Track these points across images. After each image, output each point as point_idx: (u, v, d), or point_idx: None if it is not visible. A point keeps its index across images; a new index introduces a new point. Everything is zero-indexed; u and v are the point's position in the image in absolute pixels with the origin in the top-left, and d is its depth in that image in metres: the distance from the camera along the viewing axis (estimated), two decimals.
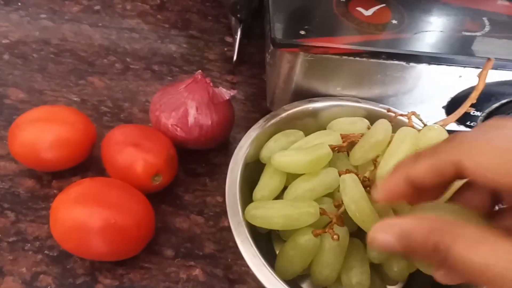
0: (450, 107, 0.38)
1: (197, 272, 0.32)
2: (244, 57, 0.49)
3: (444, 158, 0.19)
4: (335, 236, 0.27)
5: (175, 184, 0.37)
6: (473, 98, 0.31)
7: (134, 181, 0.32)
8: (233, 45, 0.48)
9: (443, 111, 0.39)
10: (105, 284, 0.31)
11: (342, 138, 0.31)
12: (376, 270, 0.31)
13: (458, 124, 0.40)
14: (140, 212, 0.30)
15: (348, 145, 0.31)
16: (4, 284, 0.30)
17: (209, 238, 0.34)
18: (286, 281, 0.29)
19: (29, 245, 0.32)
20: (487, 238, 0.17)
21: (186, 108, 0.35)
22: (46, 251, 0.32)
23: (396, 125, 0.32)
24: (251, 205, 0.29)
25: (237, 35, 0.47)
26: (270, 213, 0.28)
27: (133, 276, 0.31)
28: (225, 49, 0.50)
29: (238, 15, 0.46)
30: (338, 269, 0.29)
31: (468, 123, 0.39)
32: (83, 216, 0.28)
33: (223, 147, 0.40)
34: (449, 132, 0.44)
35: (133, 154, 0.32)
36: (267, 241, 0.34)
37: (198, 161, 0.39)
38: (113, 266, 0.31)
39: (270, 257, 0.30)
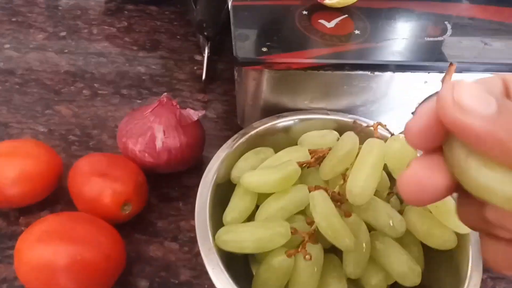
0: None
1: None
2: (215, 74, 0.49)
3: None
4: (307, 256, 0.26)
5: (148, 211, 0.36)
6: None
7: (103, 213, 0.31)
8: (202, 63, 0.48)
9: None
10: None
11: (310, 153, 0.31)
12: (355, 283, 0.31)
13: None
14: (108, 245, 0.29)
15: (316, 160, 0.30)
16: None
17: (184, 264, 0.33)
18: None
19: None
20: None
21: (153, 132, 0.34)
22: None
23: (366, 135, 0.31)
24: (221, 230, 0.28)
25: (205, 53, 0.47)
26: (240, 237, 0.28)
27: None
28: (195, 67, 0.50)
29: (205, 33, 0.46)
30: (315, 287, 0.28)
31: None
32: (47, 254, 0.27)
33: (196, 168, 0.39)
34: None
35: (100, 185, 0.32)
36: (244, 262, 0.33)
37: (170, 185, 0.38)
38: None
39: (248, 279, 0.30)
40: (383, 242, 0.29)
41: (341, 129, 0.34)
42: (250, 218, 0.31)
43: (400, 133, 0.29)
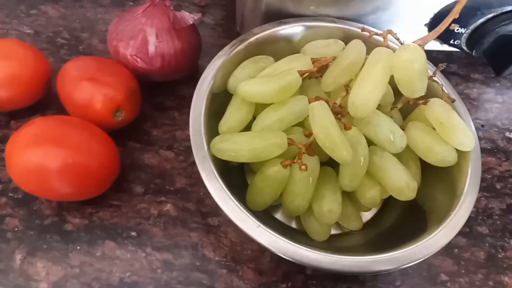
0: (433, 24, 0.35)
1: (168, 207, 0.32)
2: None
3: None
4: (302, 167, 0.26)
5: (142, 119, 0.35)
6: (455, 12, 0.28)
7: (94, 118, 0.30)
8: None
9: (425, 29, 0.36)
10: (74, 223, 0.30)
11: (312, 62, 0.29)
12: (350, 197, 0.31)
13: (441, 43, 0.37)
14: (101, 150, 0.29)
15: (318, 70, 0.28)
16: None
17: (180, 173, 0.33)
18: (258, 212, 0.29)
19: None
20: None
21: (145, 35, 0.32)
22: (10, 194, 0.31)
23: (373, 45, 0.29)
24: (216, 139, 0.27)
25: None
26: (236, 146, 0.27)
27: (102, 214, 0.31)
28: None
29: None
30: (308, 198, 0.28)
31: (451, 41, 0.37)
32: (38, 158, 0.26)
33: (191, 78, 0.37)
34: (430, 52, 0.42)
35: (90, 90, 0.30)
36: (240, 172, 0.33)
37: (165, 94, 0.37)
38: (81, 205, 0.31)
39: (243, 189, 0.30)
40: (381, 157, 0.29)
41: (348, 39, 0.32)
42: (247, 129, 0.30)
43: (413, 42, 0.27)
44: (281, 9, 0.34)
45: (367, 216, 0.34)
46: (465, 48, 0.37)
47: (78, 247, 0.29)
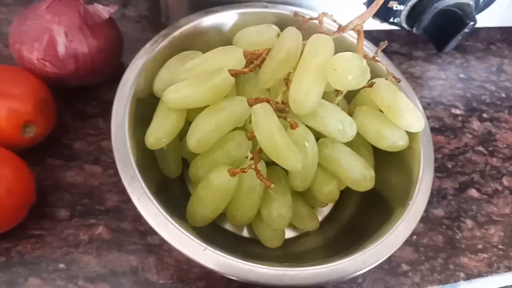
0: (372, 2, 0.34)
1: (100, 230, 0.28)
2: None
3: None
4: (260, 175, 0.23)
5: (61, 131, 0.30)
6: None
7: (0, 138, 0.26)
8: None
9: (364, 8, 0.34)
10: None
11: (245, 56, 0.26)
12: (302, 194, 0.29)
13: (381, 22, 0.36)
14: (8, 175, 0.24)
15: (252, 68, 0.25)
16: None
17: (110, 189, 0.29)
18: (204, 226, 0.26)
19: None
20: None
21: (52, 35, 0.28)
22: None
23: (310, 28, 0.27)
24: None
25: None
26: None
27: (22, 248, 0.26)
28: None
29: None
30: (257, 206, 0.26)
31: (391, 19, 0.35)
32: None
33: (115, 79, 0.32)
34: (370, 32, 0.40)
35: None
36: (180, 183, 0.30)
37: (86, 100, 0.32)
38: None
39: (185, 202, 0.27)
40: (333, 149, 0.26)
41: (282, 24, 0.29)
42: (180, 137, 0.27)
43: (352, 21, 0.25)
44: None
45: (324, 211, 0.32)
46: (405, 25, 0.36)
47: None
